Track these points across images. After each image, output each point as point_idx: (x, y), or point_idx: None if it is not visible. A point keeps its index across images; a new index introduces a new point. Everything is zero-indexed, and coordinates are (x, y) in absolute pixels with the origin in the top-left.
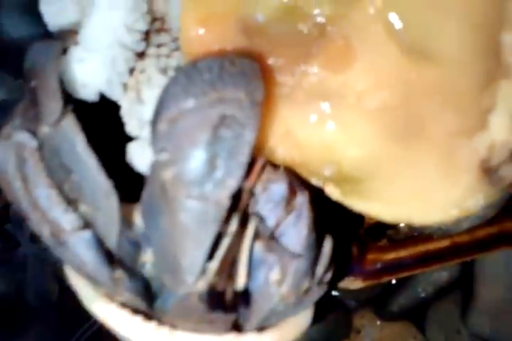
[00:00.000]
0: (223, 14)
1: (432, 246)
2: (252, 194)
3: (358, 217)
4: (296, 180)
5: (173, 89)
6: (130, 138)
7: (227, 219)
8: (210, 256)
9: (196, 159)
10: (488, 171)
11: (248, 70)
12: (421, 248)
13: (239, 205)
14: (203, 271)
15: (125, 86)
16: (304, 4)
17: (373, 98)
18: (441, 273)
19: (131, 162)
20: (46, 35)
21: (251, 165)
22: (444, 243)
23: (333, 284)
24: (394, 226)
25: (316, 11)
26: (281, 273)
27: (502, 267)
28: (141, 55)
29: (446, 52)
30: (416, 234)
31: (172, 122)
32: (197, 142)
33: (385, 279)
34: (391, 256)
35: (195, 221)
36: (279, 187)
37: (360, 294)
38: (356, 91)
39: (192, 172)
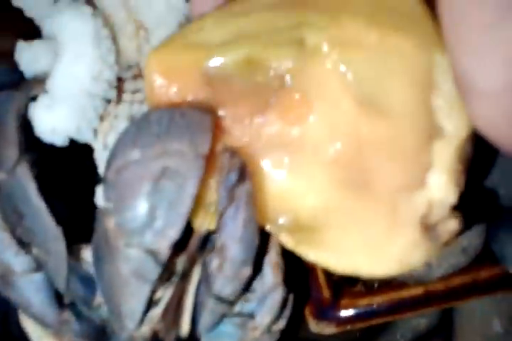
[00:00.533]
0: (186, 66)
1: (406, 293)
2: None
3: None
4: (245, 169)
5: (124, 139)
6: None
7: (172, 267)
8: (155, 302)
9: (136, 209)
10: (428, 228)
11: (196, 122)
12: (395, 295)
13: (183, 253)
14: (147, 318)
15: (96, 130)
16: (264, 57)
17: (328, 149)
18: (420, 320)
19: (98, 204)
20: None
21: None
22: (418, 291)
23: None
24: None
25: (275, 64)
26: (220, 259)
27: (478, 316)
28: (118, 101)
29: (393, 107)
30: (390, 281)
31: (118, 172)
32: (137, 193)
33: (358, 325)
34: (365, 301)
35: (133, 270)
36: (233, 175)
37: (340, 338)
38: (313, 142)
39: (132, 221)
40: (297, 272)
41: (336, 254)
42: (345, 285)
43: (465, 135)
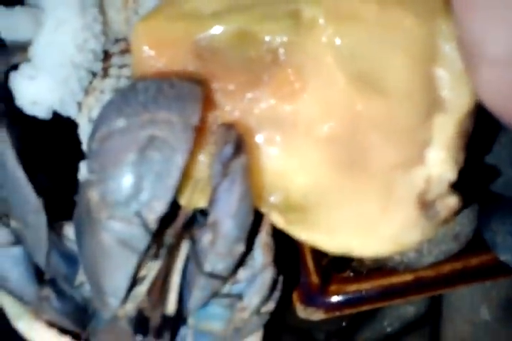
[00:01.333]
0: (175, 37)
1: (395, 279)
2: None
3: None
4: (242, 142)
5: (108, 109)
6: None
7: (158, 242)
8: (140, 279)
9: (120, 180)
10: (425, 205)
11: (186, 93)
12: (384, 281)
13: (170, 229)
14: (132, 295)
15: (81, 105)
16: (257, 30)
17: (322, 127)
18: (407, 308)
19: (81, 180)
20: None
21: None
22: (408, 277)
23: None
24: (358, 258)
25: (268, 38)
26: (212, 235)
27: (467, 304)
28: (104, 76)
29: (391, 84)
30: (380, 267)
31: (102, 142)
32: (122, 162)
33: (347, 311)
34: (354, 288)
35: (118, 243)
36: (228, 148)
37: (329, 326)
38: (306, 119)
39: (116, 193)
40: (286, 256)
41: (328, 234)
42: (334, 271)
43: (467, 108)
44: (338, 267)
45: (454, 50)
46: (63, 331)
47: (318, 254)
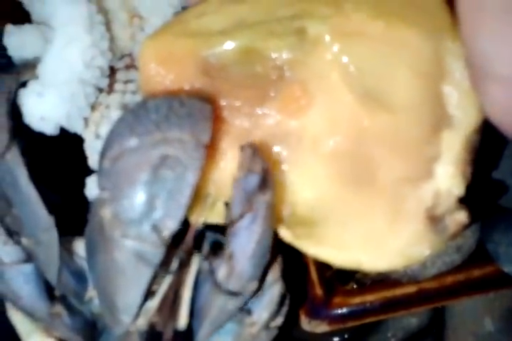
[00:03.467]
0: (183, 54)
1: (399, 291)
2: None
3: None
4: (270, 177)
5: (120, 128)
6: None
7: (169, 257)
8: (151, 294)
9: (134, 198)
10: (434, 220)
11: (197, 111)
12: (388, 293)
13: (182, 244)
14: (143, 310)
15: (87, 120)
16: (263, 47)
17: (328, 142)
18: (410, 320)
19: (88, 195)
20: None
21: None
22: (412, 289)
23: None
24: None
25: (275, 55)
26: (227, 270)
27: (470, 315)
28: (109, 91)
29: (397, 101)
30: (383, 279)
31: (114, 160)
32: (135, 181)
33: (351, 323)
34: (358, 300)
35: (131, 261)
36: (254, 178)
37: (332, 338)
38: (312, 135)
39: (129, 211)
40: (292, 272)
41: (336, 248)
42: (338, 284)
43: (474, 125)
44: (341, 279)
45: (462, 67)
46: None
47: (322, 267)
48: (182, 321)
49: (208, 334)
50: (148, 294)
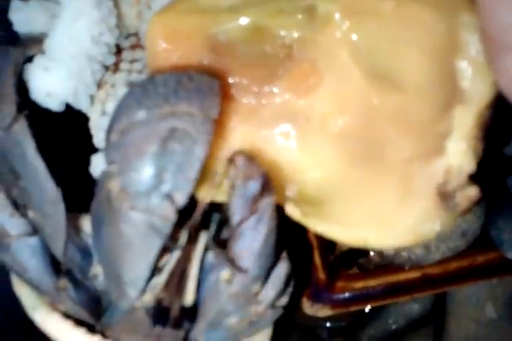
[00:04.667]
0: (191, 31)
1: (402, 276)
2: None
3: (329, 244)
4: (270, 181)
5: (128, 101)
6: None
7: (176, 233)
8: (158, 269)
9: (142, 171)
10: (445, 196)
11: (205, 87)
12: (391, 278)
13: (190, 219)
14: (150, 286)
15: (93, 98)
16: (272, 25)
17: (337, 121)
18: (412, 306)
19: (93, 173)
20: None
21: None
22: (415, 274)
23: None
24: (365, 255)
25: (284, 33)
26: (231, 272)
27: (473, 301)
28: (115, 70)
29: (408, 79)
30: (387, 264)
31: (122, 133)
32: (144, 153)
33: (353, 308)
34: (360, 284)
35: (139, 234)
36: (254, 184)
37: (332, 324)
38: (320, 114)
39: (137, 183)
40: (295, 255)
41: (345, 226)
42: (341, 268)
43: (487, 100)
44: (345, 264)
45: (477, 41)
46: (79, 323)
47: (326, 251)
48: (189, 297)
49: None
50: (156, 269)
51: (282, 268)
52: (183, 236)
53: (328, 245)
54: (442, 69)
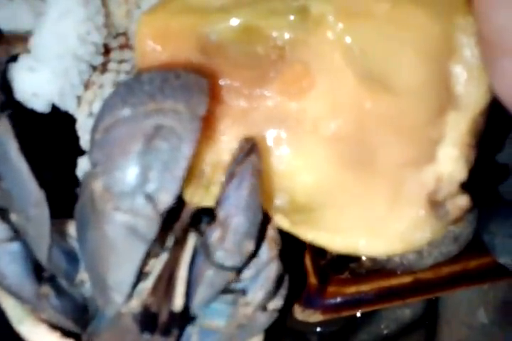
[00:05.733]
0: (181, 31)
1: (394, 281)
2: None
3: (320, 248)
4: (255, 144)
5: (112, 100)
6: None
7: (163, 235)
8: (145, 274)
9: (126, 169)
10: (435, 205)
11: (192, 84)
12: (383, 283)
13: (177, 220)
14: (137, 291)
15: (80, 99)
16: (264, 26)
17: (329, 125)
18: (404, 311)
19: (79, 176)
20: None
21: None
22: (407, 279)
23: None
24: (357, 260)
25: (275, 34)
26: (221, 231)
27: (464, 306)
28: (103, 70)
29: (402, 83)
30: (379, 269)
31: (106, 131)
32: (128, 152)
33: (344, 313)
34: (352, 289)
35: (123, 236)
36: (241, 154)
37: (323, 329)
38: (312, 117)
39: (122, 183)
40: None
41: (335, 233)
42: (333, 273)
43: (481, 106)
44: (336, 268)
45: (472, 44)
46: (66, 334)
47: (317, 256)
48: (178, 302)
49: (200, 304)
50: (142, 274)
51: (272, 268)
52: (171, 239)
53: (319, 249)
54: (437, 73)
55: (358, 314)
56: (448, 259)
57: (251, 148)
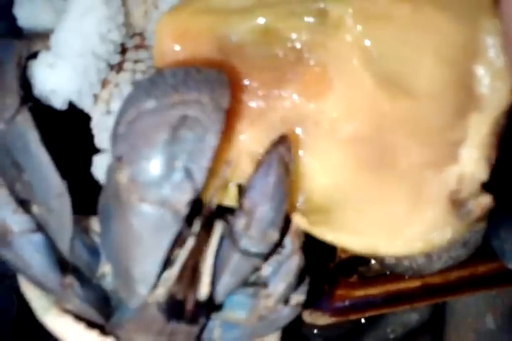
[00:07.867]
0: (200, 32)
1: (402, 285)
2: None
3: (329, 252)
4: (285, 137)
5: (136, 93)
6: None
7: (189, 224)
8: (170, 262)
9: (153, 160)
10: (457, 204)
11: (214, 78)
12: (391, 287)
13: (202, 209)
14: (162, 279)
15: (96, 97)
16: (283, 28)
17: (346, 127)
18: (411, 315)
19: (95, 174)
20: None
21: None
22: (415, 283)
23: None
24: (366, 263)
25: (294, 36)
26: (247, 219)
27: (472, 312)
28: (118, 70)
29: (420, 86)
30: (387, 273)
31: (130, 123)
32: (154, 142)
33: (353, 316)
34: (361, 293)
35: (149, 227)
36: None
37: (329, 332)
38: (330, 119)
39: (148, 173)
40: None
41: (353, 233)
42: (341, 276)
43: (504, 106)
44: (345, 272)
45: (497, 45)
46: (91, 325)
47: (326, 259)
48: (204, 290)
49: (225, 292)
50: (167, 261)
51: (294, 261)
52: (196, 225)
53: (328, 253)
54: (458, 75)
55: (363, 320)
56: (456, 264)
57: (280, 140)
